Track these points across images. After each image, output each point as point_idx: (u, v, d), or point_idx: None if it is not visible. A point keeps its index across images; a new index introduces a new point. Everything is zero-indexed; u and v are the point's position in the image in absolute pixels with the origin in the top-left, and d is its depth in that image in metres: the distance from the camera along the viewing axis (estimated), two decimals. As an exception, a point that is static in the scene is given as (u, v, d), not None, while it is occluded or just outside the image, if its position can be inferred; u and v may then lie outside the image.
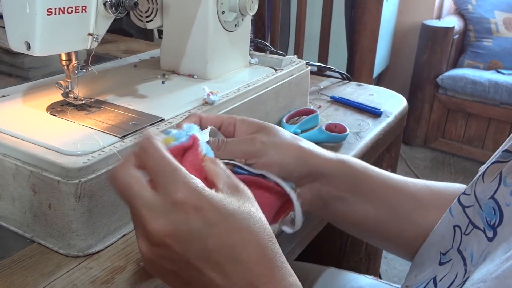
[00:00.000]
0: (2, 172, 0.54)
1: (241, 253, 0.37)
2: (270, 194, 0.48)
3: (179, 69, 0.80)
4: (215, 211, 0.37)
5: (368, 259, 1.14)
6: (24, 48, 0.56)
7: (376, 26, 1.41)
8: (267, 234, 0.39)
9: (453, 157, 2.88)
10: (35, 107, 0.63)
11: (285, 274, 0.39)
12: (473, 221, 0.46)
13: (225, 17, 0.77)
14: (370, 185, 0.52)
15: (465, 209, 0.48)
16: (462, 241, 0.47)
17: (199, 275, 0.37)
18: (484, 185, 0.46)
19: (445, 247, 0.49)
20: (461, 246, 0.46)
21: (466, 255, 0.45)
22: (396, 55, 3.08)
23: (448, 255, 0.48)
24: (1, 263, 0.50)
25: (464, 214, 0.48)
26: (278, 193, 0.49)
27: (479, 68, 2.83)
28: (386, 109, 0.95)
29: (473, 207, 0.47)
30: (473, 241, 0.45)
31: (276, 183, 0.48)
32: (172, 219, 0.36)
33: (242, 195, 0.40)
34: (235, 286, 0.37)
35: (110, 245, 0.54)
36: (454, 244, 0.48)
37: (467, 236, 0.46)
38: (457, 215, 0.49)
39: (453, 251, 0.47)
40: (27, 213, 0.54)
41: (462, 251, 0.46)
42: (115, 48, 1.27)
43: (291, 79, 0.85)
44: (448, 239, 0.49)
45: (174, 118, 0.62)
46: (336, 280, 0.82)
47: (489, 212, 0.44)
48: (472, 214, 0.46)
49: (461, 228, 0.48)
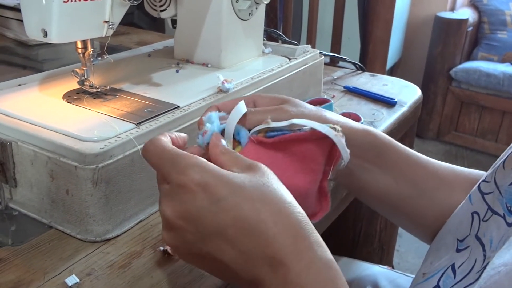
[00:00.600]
0: (20, 159, 0.55)
1: (256, 224, 0.35)
2: (313, 145, 0.44)
3: (193, 58, 0.81)
4: (222, 185, 0.35)
5: (381, 249, 1.13)
6: (41, 36, 0.57)
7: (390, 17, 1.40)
8: (286, 203, 0.36)
9: (466, 151, 2.85)
10: (51, 95, 0.64)
11: (312, 244, 0.35)
12: (492, 207, 0.45)
13: (239, 5, 0.77)
14: (395, 159, 0.52)
15: (484, 196, 0.48)
16: (480, 227, 0.46)
17: (219, 253, 0.36)
18: (505, 171, 0.46)
19: (462, 234, 0.48)
20: (479, 232, 0.46)
21: (485, 241, 0.44)
22: (409, 47, 3.05)
23: (466, 242, 0.48)
24: (20, 247, 0.51)
25: (483, 201, 0.47)
26: (320, 140, 0.44)
27: (493, 60, 2.80)
28: (400, 99, 0.95)
29: (493, 193, 0.46)
30: (492, 227, 0.44)
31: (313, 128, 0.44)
32: (180, 201, 0.36)
33: (253, 170, 0.38)
34: (255, 262, 0.35)
35: (126, 231, 0.54)
36: (472, 231, 0.47)
37: (485, 222, 0.46)
38: (476, 201, 0.48)
39: (470, 237, 0.47)
40: (45, 199, 0.54)
41: (480, 237, 0.45)
42: (128, 39, 1.28)
43: (305, 68, 0.84)
44: (465, 225, 0.48)
45: (189, 105, 0.63)
46: (350, 269, 0.82)
47: (509, 198, 0.44)
48: (492, 201, 0.46)
49: (479, 214, 0.47)
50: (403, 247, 1.96)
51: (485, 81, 2.64)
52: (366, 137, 0.51)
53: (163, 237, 0.39)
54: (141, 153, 0.41)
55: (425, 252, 0.55)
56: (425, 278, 0.50)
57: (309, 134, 0.43)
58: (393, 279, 0.77)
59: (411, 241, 0.62)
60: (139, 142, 0.54)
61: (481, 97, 2.72)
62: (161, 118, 0.58)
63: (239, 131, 0.45)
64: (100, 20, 0.60)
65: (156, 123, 0.57)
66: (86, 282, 0.47)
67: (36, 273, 0.47)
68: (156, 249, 0.51)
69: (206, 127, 0.44)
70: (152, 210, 0.58)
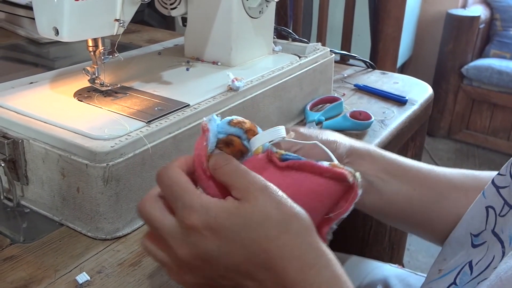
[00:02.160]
0: (32, 156, 0.55)
1: (266, 261, 0.36)
2: (325, 180, 0.41)
3: (203, 56, 0.80)
4: (227, 229, 0.36)
5: (391, 248, 1.13)
6: (52, 34, 0.57)
7: (400, 14, 1.39)
8: (292, 233, 0.37)
9: (477, 149, 2.83)
10: (62, 93, 0.64)
11: (320, 270, 0.37)
12: (510, 202, 0.45)
13: (249, 3, 0.77)
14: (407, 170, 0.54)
15: (499, 189, 0.47)
16: (497, 222, 0.45)
17: (237, 285, 0.38)
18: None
19: (477, 229, 0.48)
20: (496, 227, 0.45)
21: (504, 237, 0.44)
22: (420, 44, 3.03)
23: (482, 237, 0.47)
24: (31, 245, 0.51)
25: (498, 195, 0.47)
26: (334, 181, 0.41)
27: (506, 58, 2.77)
28: (411, 97, 0.94)
29: (509, 187, 0.45)
30: (510, 223, 0.44)
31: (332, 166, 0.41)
32: (193, 243, 0.37)
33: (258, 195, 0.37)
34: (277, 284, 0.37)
35: (137, 229, 0.55)
36: (487, 225, 0.47)
37: (503, 217, 0.45)
38: (490, 196, 0.48)
39: (487, 232, 0.46)
40: (56, 196, 0.55)
41: (498, 233, 0.45)
42: (139, 37, 1.28)
43: (315, 66, 0.84)
44: (479, 220, 0.48)
45: (199, 104, 0.62)
46: (359, 268, 0.81)
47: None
48: (508, 195, 0.45)
49: (495, 209, 0.46)
50: (414, 245, 1.95)
51: (497, 78, 2.62)
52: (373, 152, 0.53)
53: (180, 280, 0.40)
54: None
55: (435, 251, 0.55)
56: (441, 274, 0.49)
57: (325, 169, 0.40)
58: (403, 278, 0.76)
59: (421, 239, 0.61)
60: (150, 141, 0.54)
61: (493, 95, 2.69)
62: (171, 116, 0.59)
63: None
64: (111, 19, 0.61)
65: (166, 122, 0.57)
66: (97, 280, 0.47)
67: (47, 271, 0.48)
68: (166, 247, 0.52)
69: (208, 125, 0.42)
70: (162, 208, 0.58)
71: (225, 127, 0.42)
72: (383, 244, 1.12)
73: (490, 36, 2.89)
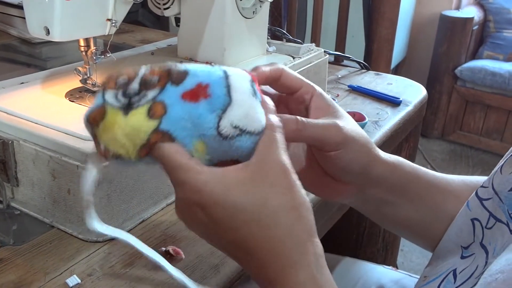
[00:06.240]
0: (22, 158, 0.54)
1: (253, 247, 0.35)
2: None
3: (197, 56, 0.80)
4: (219, 208, 0.35)
5: (385, 250, 1.13)
6: (43, 34, 0.56)
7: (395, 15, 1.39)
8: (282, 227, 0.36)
9: (471, 150, 2.84)
10: (53, 93, 0.63)
11: (297, 271, 0.35)
12: (495, 215, 0.45)
13: (243, 3, 0.76)
14: (417, 189, 0.50)
15: (483, 202, 0.46)
16: (484, 235, 0.45)
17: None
18: (502, 177, 0.45)
19: (466, 241, 0.47)
20: (484, 240, 0.45)
21: (490, 248, 0.44)
22: (414, 46, 3.04)
23: (471, 249, 0.47)
24: (21, 247, 0.51)
25: (482, 207, 0.46)
26: None
27: (499, 59, 2.78)
28: (405, 98, 0.94)
29: (492, 200, 0.45)
30: (497, 235, 0.43)
31: None
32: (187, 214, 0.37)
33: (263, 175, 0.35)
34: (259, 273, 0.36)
35: (128, 231, 0.54)
36: (475, 238, 0.46)
37: (490, 230, 0.45)
38: (474, 208, 0.47)
39: (475, 245, 0.46)
40: (47, 198, 0.54)
41: (486, 245, 0.44)
42: (132, 37, 1.27)
43: (309, 67, 0.84)
44: (467, 232, 0.47)
45: (192, 104, 0.62)
46: (353, 270, 0.81)
47: (510, 204, 0.43)
48: (493, 208, 0.45)
49: (481, 221, 0.46)
50: (407, 246, 1.95)
51: (490, 80, 2.63)
52: (393, 171, 0.48)
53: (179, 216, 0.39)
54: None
55: (428, 252, 0.54)
56: (426, 281, 0.49)
57: None
58: (397, 280, 0.76)
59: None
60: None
61: (486, 96, 2.70)
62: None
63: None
64: (103, 18, 0.60)
65: (159, 122, 0.56)
66: (87, 283, 0.46)
67: (37, 273, 0.47)
68: (158, 250, 0.51)
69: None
70: (154, 210, 0.57)
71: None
72: (377, 245, 1.12)
73: (483, 37, 2.90)
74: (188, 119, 0.35)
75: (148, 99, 0.35)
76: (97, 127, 0.35)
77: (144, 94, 0.35)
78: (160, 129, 0.34)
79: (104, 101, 0.35)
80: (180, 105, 0.35)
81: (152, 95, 0.35)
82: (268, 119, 0.38)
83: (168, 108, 0.34)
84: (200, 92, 0.35)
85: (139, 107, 0.35)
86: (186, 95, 0.35)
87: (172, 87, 0.35)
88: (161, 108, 0.35)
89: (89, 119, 0.36)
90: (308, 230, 0.37)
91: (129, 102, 0.35)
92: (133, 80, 0.35)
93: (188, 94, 0.35)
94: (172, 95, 0.35)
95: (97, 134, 0.36)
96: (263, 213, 0.35)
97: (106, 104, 0.35)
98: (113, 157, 0.36)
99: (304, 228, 0.36)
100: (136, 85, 0.35)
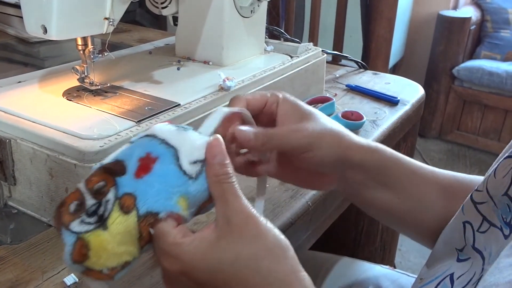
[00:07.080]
0: (20, 156, 0.54)
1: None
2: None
3: (195, 55, 0.80)
4: (199, 271, 0.35)
5: (383, 249, 1.13)
6: (40, 32, 0.56)
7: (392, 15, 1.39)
8: (261, 274, 0.36)
9: (468, 150, 2.84)
10: (51, 92, 0.63)
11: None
12: (489, 219, 0.44)
13: (241, 2, 0.76)
14: (398, 175, 0.51)
15: (477, 205, 0.46)
16: (476, 238, 0.45)
17: None
18: (496, 180, 0.45)
19: (459, 244, 0.47)
20: (476, 244, 0.45)
21: (486, 254, 0.43)
22: (411, 46, 3.04)
23: (465, 253, 0.47)
24: (19, 246, 0.51)
25: (476, 211, 0.46)
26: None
27: (496, 59, 2.78)
28: (403, 97, 0.94)
29: (487, 203, 0.45)
30: (491, 240, 0.43)
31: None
32: (174, 282, 0.37)
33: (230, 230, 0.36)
34: None
35: None
36: (466, 241, 0.46)
37: (483, 234, 0.44)
38: (468, 211, 0.47)
39: (467, 248, 0.46)
40: (44, 197, 0.54)
41: (480, 250, 0.44)
42: (129, 37, 1.27)
43: (307, 66, 0.84)
44: (458, 235, 0.47)
45: (190, 103, 0.62)
46: (351, 269, 0.81)
47: (504, 209, 0.43)
48: (487, 212, 0.45)
49: (472, 224, 0.46)
50: (405, 246, 1.95)
51: (487, 79, 2.63)
52: (372, 155, 0.49)
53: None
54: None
55: (426, 252, 0.54)
56: (422, 283, 0.49)
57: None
58: (395, 279, 0.76)
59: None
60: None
61: (484, 96, 2.71)
62: (162, 116, 0.58)
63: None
64: (100, 17, 0.60)
65: (157, 121, 0.56)
66: (85, 282, 0.46)
67: (34, 272, 0.47)
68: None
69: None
70: None
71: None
72: (375, 244, 1.12)
73: (481, 37, 2.91)
74: (156, 186, 0.35)
75: (112, 201, 0.35)
76: (88, 259, 0.35)
77: (105, 200, 0.35)
78: (141, 214, 0.35)
79: (76, 233, 0.35)
80: (141, 183, 0.35)
81: (112, 196, 0.35)
82: (209, 168, 0.37)
83: (134, 193, 0.35)
84: (147, 162, 0.36)
85: (111, 212, 0.35)
86: (138, 173, 0.35)
87: (122, 178, 0.35)
88: (128, 198, 0.35)
89: (75, 260, 0.35)
90: (290, 268, 0.37)
91: (99, 216, 0.35)
92: (83, 199, 0.35)
93: (139, 171, 0.35)
94: (128, 183, 0.35)
95: (90, 265, 0.35)
96: (239, 266, 0.36)
97: (80, 235, 0.35)
98: (121, 268, 0.36)
99: (284, 268, 0.36)
100: (91, 200, 0.35)
